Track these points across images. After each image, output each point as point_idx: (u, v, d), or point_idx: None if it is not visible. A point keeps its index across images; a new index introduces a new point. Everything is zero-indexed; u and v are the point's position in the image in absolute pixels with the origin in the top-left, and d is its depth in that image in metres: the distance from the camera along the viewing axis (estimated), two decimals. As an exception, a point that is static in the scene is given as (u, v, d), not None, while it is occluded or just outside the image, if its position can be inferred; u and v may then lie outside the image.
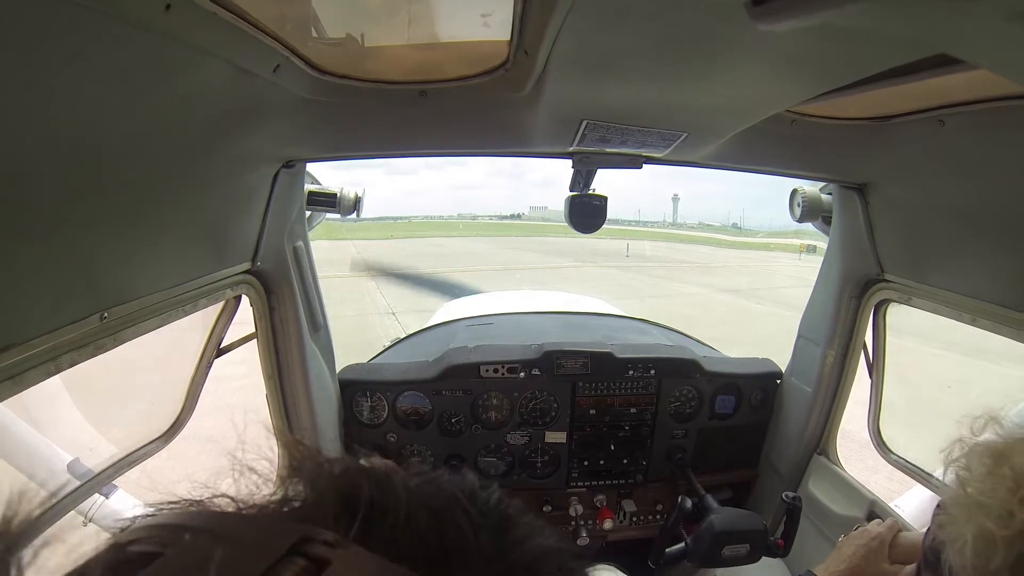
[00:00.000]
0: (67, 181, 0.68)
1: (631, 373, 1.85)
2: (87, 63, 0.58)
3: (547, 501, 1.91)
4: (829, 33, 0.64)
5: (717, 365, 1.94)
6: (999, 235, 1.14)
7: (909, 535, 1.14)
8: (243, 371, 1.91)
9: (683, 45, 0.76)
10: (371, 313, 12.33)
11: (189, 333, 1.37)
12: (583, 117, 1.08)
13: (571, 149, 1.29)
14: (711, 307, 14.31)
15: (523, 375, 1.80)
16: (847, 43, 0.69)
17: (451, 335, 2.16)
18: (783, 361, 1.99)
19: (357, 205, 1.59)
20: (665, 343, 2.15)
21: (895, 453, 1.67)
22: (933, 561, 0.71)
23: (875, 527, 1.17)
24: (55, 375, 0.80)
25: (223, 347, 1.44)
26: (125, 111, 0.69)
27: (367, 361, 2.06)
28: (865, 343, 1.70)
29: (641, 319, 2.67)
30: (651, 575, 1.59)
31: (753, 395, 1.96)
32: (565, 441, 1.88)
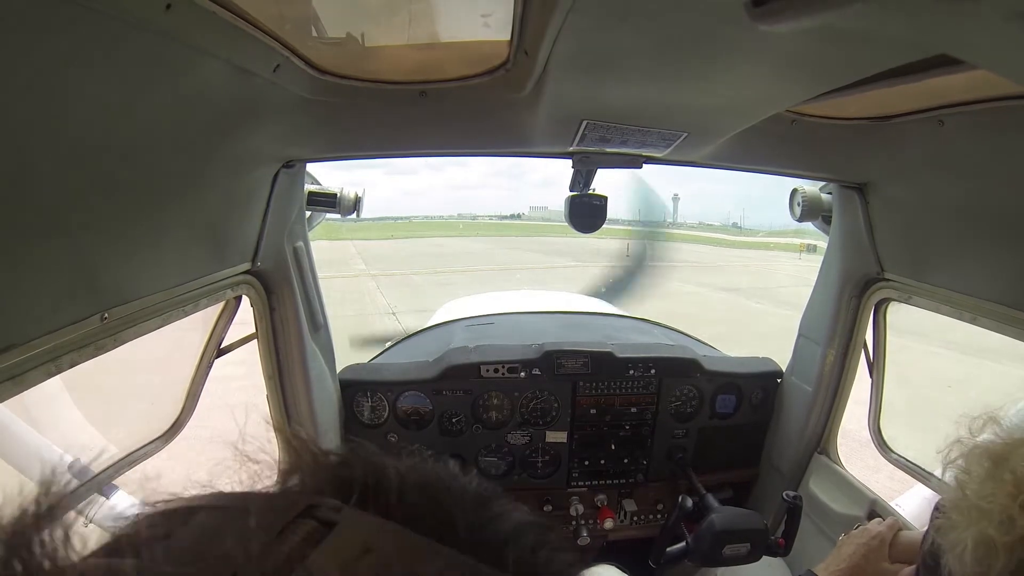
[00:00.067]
0: (67, 181, 0.68)
1: (631, 373, 1.85)
2: (87, 63, 0.58)
3: (548, 501, 1.91)
4: (829, 33, 0.64)
5: (717, 364, 1.95)
6: (999, 234, 1.15)
7: (910, 534, 1.14)
8: (242, 371, 1.91)
9: (683, 45, 0.76)
10: (371, 313, 12.34)
11: (189, 333, 1.37)
12: (583, 117, 1.08)
13: (571, 149, 1.29)
14: (711, 306, 14.29)
15: (523, 375, 1.80)
16: (847, 43, 0.69)
17: (451, 335, 2.16)
18: (783, 360, 1.99)
19: (357, 205, 1.58)
20: (665, 342, 2.15)
21: (895, 452, 1.67)
22: (932, 565, 0.71)
23: (875, 526, 1.17)
24: (55, 376, 0.80)
25: (223, 347, 1.44)
26: (125, 111, 0.69)
27: (367, 361, 2.06)
28: (865, 342, 1.71)
29: (641, 318, 2.67)
30: (652, 574, 1.59)
31: (754, 394, 1.96)
32: (566, 441, 1.88)
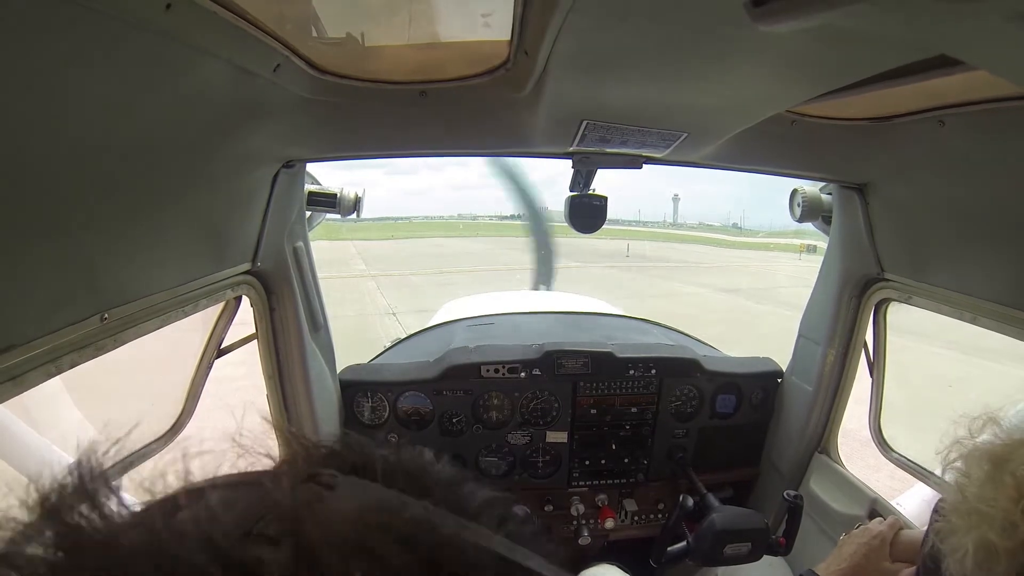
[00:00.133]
0: (67, 181, 0.68)
1: (632, 373, 1.85)
2: (87, 63, 0.58)
3: (548, 501, 1.90)
4: (829, 34, 0.64)
5: (718, 364, 1.94)
6: (999, 234, 1.15)
7: (911, 533, 1.14)
8: (243, 372, 1.91)
9: (683, 45, 0.76)
10: (371, 313, 12.34)
11: (190, 334, 1.37)
12: (583, 117, 1.08)
13: (571, 149, 1.29)
14: (711, 307, 14.31)
15: (524, 375, 1.80)
16: (847, 44, 0.69)
17: (452, 335, 2.16)
18: (784, 360, 1.99)
19: (357, 205, 1.58)
20: (666, 342, 2.15)
21: (896, 451, 1.67)
22: (932, 568, 0.70)
23: (876, 525, 1.17)
24: (55, 376, 0.80)
25: (224, 348, 1.44)
26: (125, 111, 0.69)
27: (368, 361, 2.06)
28: (865, 342, 1.71)
29: (642, 319, 2.67)
30: (653, 574, 1.59)
31: (754, 394, 1.96)
32: (566, 441, 1.88)
